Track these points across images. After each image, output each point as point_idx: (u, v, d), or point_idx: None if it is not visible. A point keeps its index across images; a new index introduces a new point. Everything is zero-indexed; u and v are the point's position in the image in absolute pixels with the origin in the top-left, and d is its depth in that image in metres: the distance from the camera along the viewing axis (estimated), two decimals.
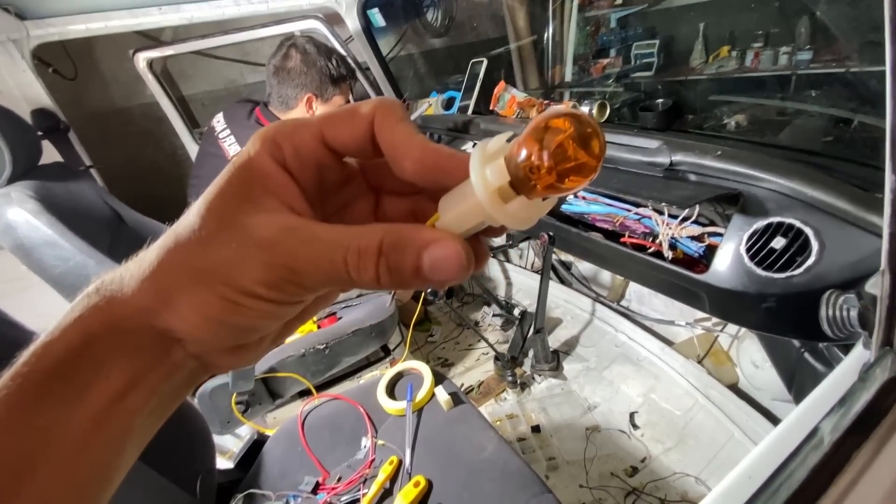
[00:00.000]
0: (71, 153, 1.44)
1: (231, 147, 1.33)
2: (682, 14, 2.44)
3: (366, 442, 0.89)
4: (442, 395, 0.89)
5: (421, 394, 0.90)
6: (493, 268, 2.19)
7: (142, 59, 1.84)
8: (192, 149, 2.09)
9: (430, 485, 0.76)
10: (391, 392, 0.95)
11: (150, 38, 1.94)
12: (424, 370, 0.96)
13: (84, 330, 0.18)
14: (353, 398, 0.96)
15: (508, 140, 0.20)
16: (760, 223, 0.67)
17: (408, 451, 0.83)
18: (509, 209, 0.19)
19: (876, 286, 0.33)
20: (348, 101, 1.38)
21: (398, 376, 0.99)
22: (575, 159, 0.17)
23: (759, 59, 2.24)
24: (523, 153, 0.18)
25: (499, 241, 2.22)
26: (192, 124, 2.11)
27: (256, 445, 0.96)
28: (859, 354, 0.38)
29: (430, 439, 0.84)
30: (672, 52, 2.51)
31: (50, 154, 1.38)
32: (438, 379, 0.95)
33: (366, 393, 0.96)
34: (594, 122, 0.18)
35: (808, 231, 0.63)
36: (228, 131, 1.35)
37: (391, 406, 0.91)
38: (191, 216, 0.20)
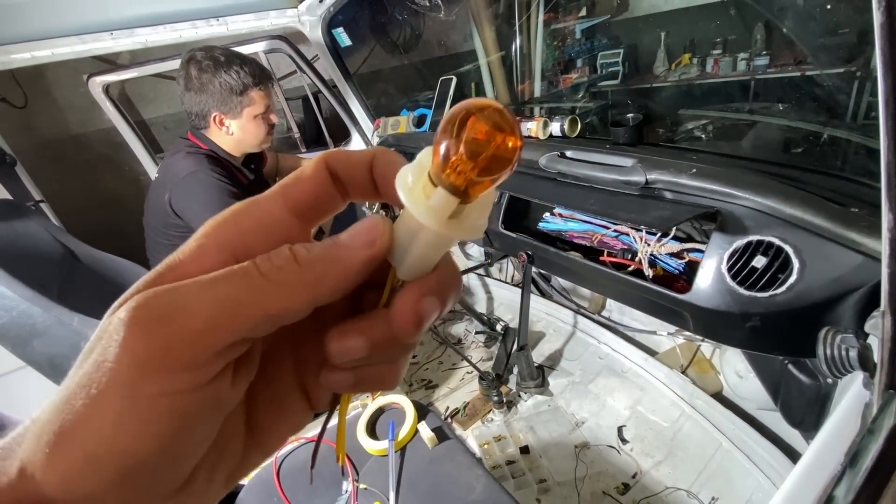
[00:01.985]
0: (18, 188, 1.35)
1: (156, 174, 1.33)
2: (644, 23, 2.50)
3: (347, 486, 0.83)
4: (426, 431, 0.84)
5: (403, 431, 0.86)
6: (473, 282, 2.16)
7: (97, 83, 1.76)
8: (155, 174, 2.01)
9: None
10: (372, 430, 0.90)
11: (107, 61, 1.86)
12: (406, 404, 0.91)
13: None
14: (332, 438, 0.90)
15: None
16: (740, 242, 0.66)
17: (392, 495, 0.78)
18: (465, 224, 0.18)
19: (876, 327, 0.31)
20: (268, 108, 1.28)
21: (379, 412, 0.94)
22: (494, 142, 0.17)
23: (719, 65, 2.31)
24: (444, 153, 0.17)
25: (477, 260, 2.19)
26: (154, 149, 2.03)
27: (228, 497, 0.89)
28: (859, 394, 0.36)
29: (416, 481, 0.80)
30: (637, 61, 2.56)
31: None
32: (421, 413, 0.90)
33: None
34: (494, 103, 0.17)
35: (789, 249, 0.62)
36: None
37: (372, 446, 0.86)
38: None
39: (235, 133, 1.27)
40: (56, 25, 1.27)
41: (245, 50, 1.75)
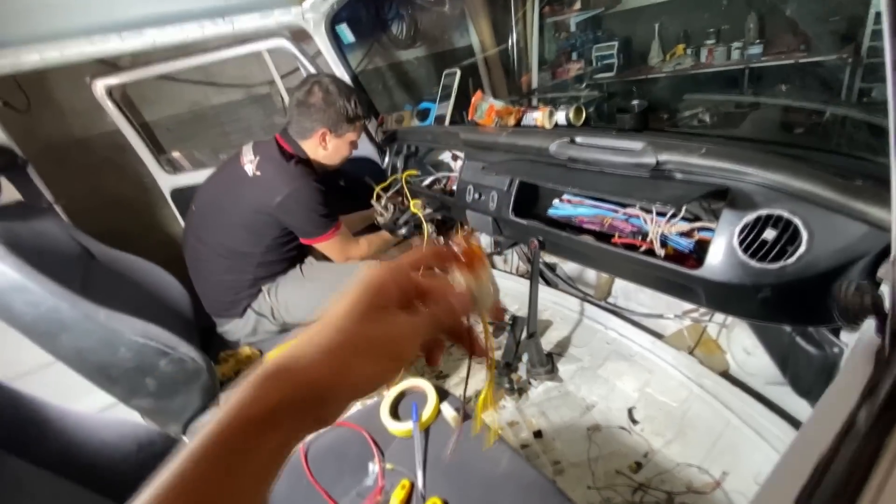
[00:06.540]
0: (31, 190, 1.36)
1: (248, 166, 1.38)
2: (637, 16, 2.54)
3: (373, 467, 0.86)
4: (448, 411, 0.87)
5: (426, 412, 0.89)
6: None
7: (100, 86, 1.77)
8: (160, 176, 2.02)
9: None
10: (395, 413, 0.93)
11: (108, 63, 1.87)
12: (427, 387, 0.94)
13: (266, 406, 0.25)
14: (356, 422, 0.93)
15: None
16: (750, 216, 0.69)
17: (419, 473, 0.81)
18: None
19: (887, 275, 0.34)
20: (358, 138, 1.46)
21: (400, 396, 0.97)
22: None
23: (713, 55, 2.35)
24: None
25: (485, 251, 2.22)
26: (157, 150, 2.03)
27: None
28: (871, 341, 0.39)
29: (441, 459, 0.82)
30: (631, 53, 2.59)
31: (8, 192, 1.31)
32: (442, 395, 0.93)
33: (368, 416, 0.93)
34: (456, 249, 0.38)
35: (797, 221, 0.65)
36: (252, 154, 1.40)
37: (396, 427, 0.88)
38: (341, 305, 0.31)
39: (330, 150, 1.41)
40: (64, 27, 1.28)
41: (248, 49, 1.76)
